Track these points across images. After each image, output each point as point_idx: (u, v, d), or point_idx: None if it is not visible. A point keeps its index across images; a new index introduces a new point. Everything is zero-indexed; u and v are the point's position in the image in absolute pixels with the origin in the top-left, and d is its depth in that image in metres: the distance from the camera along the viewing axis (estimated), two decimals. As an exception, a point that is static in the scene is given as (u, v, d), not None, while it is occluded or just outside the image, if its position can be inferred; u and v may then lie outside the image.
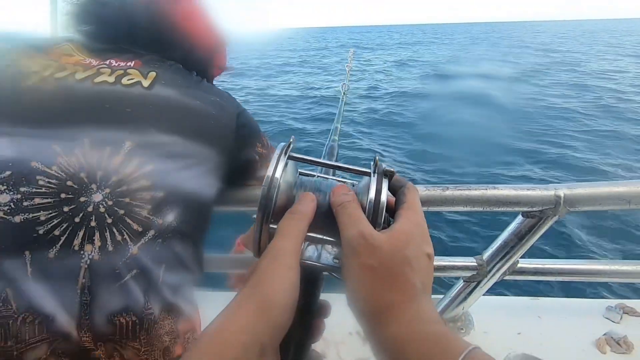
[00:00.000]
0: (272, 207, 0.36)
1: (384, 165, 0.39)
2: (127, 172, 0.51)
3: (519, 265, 0.83)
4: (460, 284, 0.89)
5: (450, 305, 0.93)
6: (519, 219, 0.76)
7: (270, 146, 0.78)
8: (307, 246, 0.36)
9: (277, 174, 0.37)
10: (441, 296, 0.96)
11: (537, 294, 1.11)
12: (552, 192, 0.68)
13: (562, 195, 0.68)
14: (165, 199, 0.53)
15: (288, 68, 17.32)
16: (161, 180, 0.53)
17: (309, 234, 0.36)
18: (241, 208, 0.75)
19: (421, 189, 0.69)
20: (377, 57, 21.75)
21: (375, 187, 0.36)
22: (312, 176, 0.44)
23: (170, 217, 0.53)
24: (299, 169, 0.45)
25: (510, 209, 0.70)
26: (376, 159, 0.40)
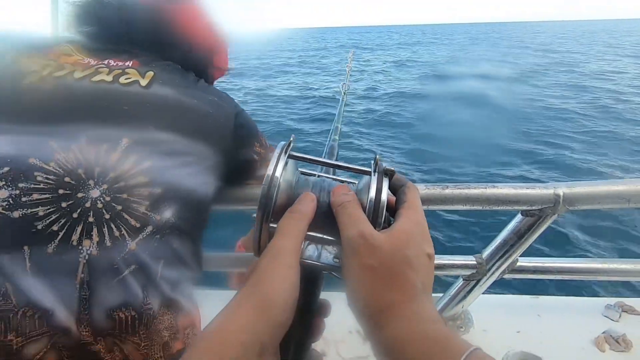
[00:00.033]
0: (272, 206, 0.36)
1: (385, 165, 0.39)
2: (124, 169, 0.52)
3: (519, 264, 0.83)
4: (459, 282, 0.89)
5: (449, 304, 0.93)
6: (518, 218, 0.76)
7: (269, 146, 0.78)
8: (307, 245, 0.36)
9: (277, 173, 0.36)
10: (441, 295, 0.96)
11: (537, 293, 1.11)
12: (551, 191, 0.69)
13: (562, 194, 0.68)
14: (163, 195, 0.53)
15: (287, 68, 17.28)
16: (159, 176, 0.54)
17: (309, 233, 0.36)
18: (241, 207, 0.75)
19: (421, 188, 0.69)
20: (376, 58, 21.71)
21: (376, 187, 0.36)
22: (313, 175, 0.44)
23: (168, 213, 0.53)
24: (299, 168, 0.44)
25: (510, 208, 0.70)
26: (376, 158, 0.39)
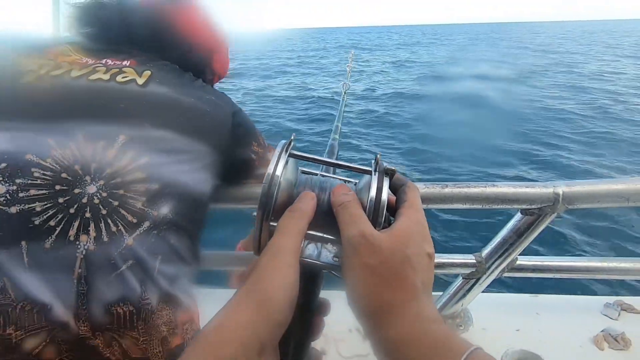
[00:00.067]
0: (273, 204, 0.36)
1: (385, 164, 0.39)
2: (121, 165, 0.52)
3: (518, 263, 0.83)
4: (459, 280, 0.89)
5: (449, 302, 0.93)
6: (517, 217, 0.76)
7: (267, 145, 0.79)
8: (307, 244, 0.36)
9: (278, 172, 0.36)
10: (440, 293, 0.96)
11: (536, 291, 1.11)
12: (550, 190, 0.69)
13: (561, 192, 0.68)
14: (160, 191, 0.53)
15: (286, 69, 17.23)
16: (156, 172, 0.54)
17: (309, 232, 0.36)
18: (241, 206, 0.75)
19: (421, 187, 0.69)
20: (375, 58, 21.65)
21: (376, 186, 0.36)
22: (313, 174, 0.44)
23: (165, 209, 0.53)
24: (300, 167, 0.44)
25: (509, 207, 0.70)
26: (377, 157, 0.39)
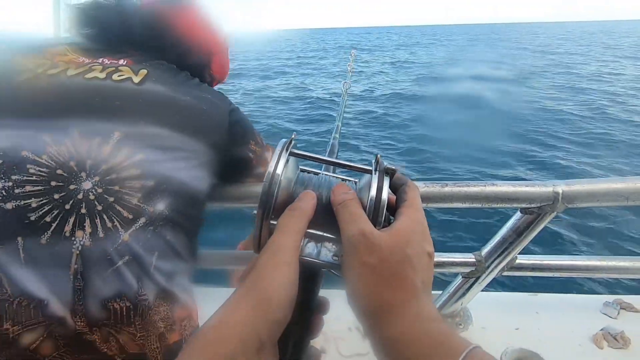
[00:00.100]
0: (273, 203, 0.36)
1: (386, 163, 0.38)
2: (116, 161, 0.52)
3: (517, 261, 0.83)
4: (458, 279, 0.90)
5: (448, 301, 0.93)
6: (517, 215, 0.76)
7: (265, 145, 0.79)
8: (306, 243, 0.36)
9: (279, 170, 0.36)
10: (440, 292, 0.96)
11: (535, 290, 1.11)
12: (550, 189, 0.69)
13: (561, 191, 0.68)
14: (155, 187, 0.54)
15: (286, 69, 17.20)
16: (151, 169, 0.54)
17: (309, 230, 0.36)
18: (242, 205, 0.75)
19: (420, 186, 0.69)
20: (375, 59, 21.62)
21: (377, 185, 0.36)
22: (313, 173, 0.44)
23: (161, 205, 0.54)
24: (300, 166, 0.45)
25: (509, 205, 0.70)
26: (377, 156, 0.39)
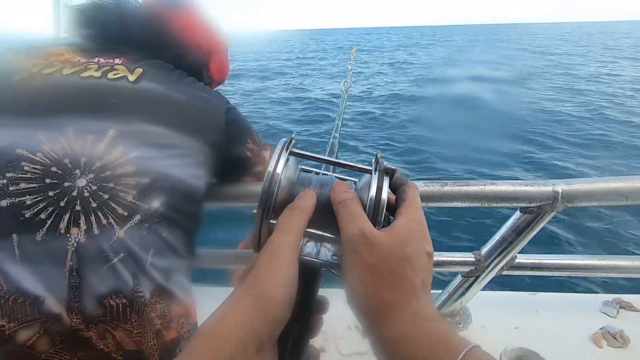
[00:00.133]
0: (273, 202, 0.36)
1: (385, 163, 0.38)
2: (111, 159, 0.52)
3: (517, 261, 0.84)
4: (458, 279, 0.90)
5: (448, 300, 0.94)
6: (517, 215, 0.76)
7: (263, 143, 0.79)
8: (306, 242, 0.36)
9: (279, 170, 0.36)
10: (440, 291, 0.96)
11: (535, 289, 1.11)
12: (550, 188, 0.69)
13: (560, 191, 0.68)
14: (150, 185, 0.54)
15: (285, 70, 17.18)
16: (146, 166, 0.54)
17: (308, 230, 0.36)
18: (241, 204, 0.75)
19: (420, 185, 0.69)
20: (374, 60, 21.59)
21: (376, 185, 0.36)
22: (313, 172, 0.44)
23: (157, 203, 0.54)
24: (300, 165, 0.45)
25: (509, 205, 0.70)
26: (377, 156, 0.39)
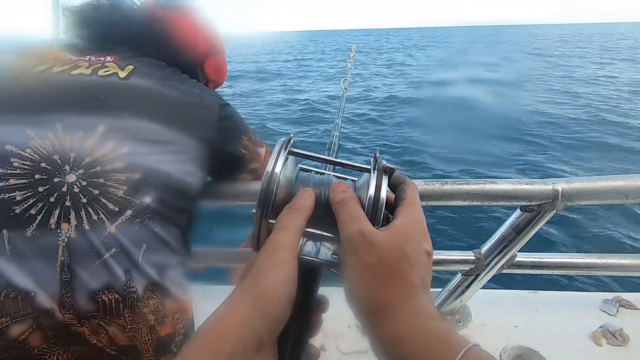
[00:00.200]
0: (272, 202, 0.36)
1: (384, 162, 0.38)
2: (100, 154, 0.52)
3: (517, 259, 0.84)
4: (458, 277, 0.90)
5: (448, 299, 0.94)
6: (517, 213, 0.76)
7: (258, 141, 0.78)
8: (305, 241, 0.36)
9: (277, 169, 0.36)
10: (439, 289, 0.96)
11: (535, 287, 1.12)
12: (550, 187, 0.69)
13: (560, 189, 0.68)
14: (141, 180, 0.53)
15: (283, 71, 17.19)
16: (137, 162, 0.54)
17: (307, 229, 0.36)
18: (241, 203, 0.75)
19: (420, 184, 0.69)
20: (372, 62, 21.58)
21: (375, 184, 0.36)
22: (312, 172, 0.44)
23: (148, 198, 0.54)
24: (299, 165, 0.44)
25: (509, 203, 0.70)
26: (376, 155, 0.39)
